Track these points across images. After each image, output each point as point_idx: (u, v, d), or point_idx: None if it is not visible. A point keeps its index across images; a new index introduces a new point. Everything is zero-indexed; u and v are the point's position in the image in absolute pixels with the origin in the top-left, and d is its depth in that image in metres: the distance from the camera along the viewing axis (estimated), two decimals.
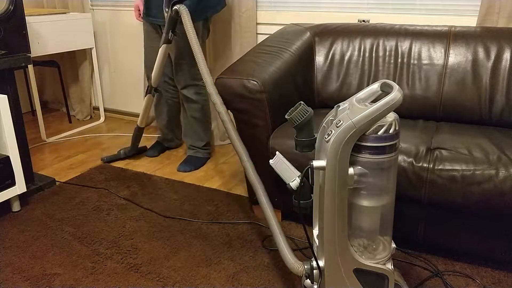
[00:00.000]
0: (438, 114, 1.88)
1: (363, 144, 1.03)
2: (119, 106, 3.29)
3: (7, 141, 1.83)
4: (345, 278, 1.14)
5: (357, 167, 1.05)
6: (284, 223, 1.83)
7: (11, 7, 1.87)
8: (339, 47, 2.05)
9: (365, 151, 1.03)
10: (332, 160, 1.03)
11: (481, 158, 1.45)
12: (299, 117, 1.08)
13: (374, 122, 1.01)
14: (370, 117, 1.00)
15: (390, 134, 1.03)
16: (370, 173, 1.05)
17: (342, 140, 1.01)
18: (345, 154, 1.02)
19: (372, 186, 1.08)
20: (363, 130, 1.01)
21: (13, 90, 1.97)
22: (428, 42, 1.92)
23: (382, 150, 1.03)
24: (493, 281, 1.49)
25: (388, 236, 1.18)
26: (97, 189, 2.15)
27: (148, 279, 1.51)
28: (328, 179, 1.05)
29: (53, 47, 2.69)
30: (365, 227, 1.13)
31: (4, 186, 1.83)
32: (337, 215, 1.08)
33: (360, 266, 1.12)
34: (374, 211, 1.11)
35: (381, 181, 1.09)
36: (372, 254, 1.14)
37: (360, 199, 1.09)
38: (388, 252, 1.16)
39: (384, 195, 1.10)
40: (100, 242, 1.72)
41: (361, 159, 1.04)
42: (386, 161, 1.05)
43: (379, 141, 1.02)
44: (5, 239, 1.74)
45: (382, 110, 0.99)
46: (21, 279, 1.51)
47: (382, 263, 1.13)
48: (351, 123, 1.00)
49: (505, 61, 1.80)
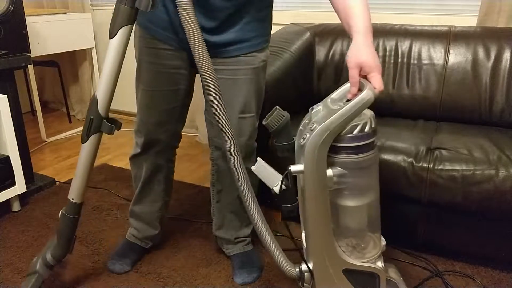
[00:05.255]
0: (438, 114, 1.88)
1: (339, 145, 1.02)
2: (119, 106, 3.29)
3: (7, 141, 1.83)
4: (335, 279, 1.12)
5: (336, 168, 1.04)
6: (284, 224, 1.83)
7: (11, 7, 1.87)
8: (339, 47, 2.05)
9: (342, 152, 1.03)
10: (309, 164, 1.02)
11: (481, 158, 1.45)
12: (275, 123, 1.08)
13: (348, 123, 1.00)
14: (342, 118, 0.99)
15: (366, 133, 1.02)
16: (349, 173, 1.04)
17: (317, 143, 1.00)
18: (321, 156, 1.01)
19: (353, 186, 1.06)
20: (337, 132, 1.00)
21: (13, 90, 1.97)
22: (428, 42, 1.92)
23: (359, 149, 1.02)
24: (493, 281, 1.49)
25: (377, 234, 1.17)
26: (97, 189, 2.15)
27: (148, 279, 1.51)
28: (307, 182, 1.04)
29: (53, 47, 2.69)
30: (351, 226, 1.11)
31: (4, 186, 1.83)
32: (320, 217, 1.08)
33: (349, 266, 1.11)
34: (358, 211, 1.10)
35: (362, 180, 1.08)
36: (361, 253, 1.13)
37: (343, 200, 1.08)
38: (378, 250, 1.14)
39: (367, 194, 1.09)
40: (100, 242, 1.72)
41: (339, 160, 1.03)
42: (365, 160, 1.04)
43: (355, 140, 1.01)
44: (5, 239, 1.74)
45: (354, 110, 0.99)
46: (21, 279, 1.51)
47: (372, 261, 1.12)
48: (324, 125, 0.99)
49: (505, 61, 1.80)
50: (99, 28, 3.12)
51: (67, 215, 1.31)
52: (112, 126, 1.21)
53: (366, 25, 1.07)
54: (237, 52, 1.29)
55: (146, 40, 1.32)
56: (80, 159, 1.27)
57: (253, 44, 1.29)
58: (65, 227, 1.32)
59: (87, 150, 1.25)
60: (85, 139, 1.23)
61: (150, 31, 1.30)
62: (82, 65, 3.17)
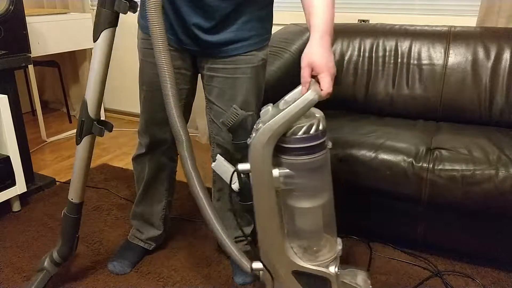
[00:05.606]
0: (438, 114, 1.88)
1: (285, 145, 1.01)
2: (119, 106, 3.29)
3: (7, 141, 1.83)
4: (285, 279, 1.12)
5: (283, 168, 1.04)
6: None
7: (11, 7, 1.87)
8: (339, 47, 2.05)
9: (288, 153, 1.02)
10: (254, 163, 1.03)
11: (481, 158, 1.45)
12: (230, 121, 1.08)
13: (291, 123, 0.99)
14: (285, 119, 0.98)
15: (312, 134, 1.01)
16: (297, 175, 1.03)
17: (261, 143, 1.00)
18: (266, 156, 1.01)
19: (302, 187, 1.05)
20: (281, 132, 0.99)
21: (13, 90, 1.97)
22: (428, 42, 1.92)
23: (305, 151, 1.01)
24: (493, 281, 1.49)
25: (333, 238, 1.15)
26: (97, 189, 2.15)
27: (148, 279, 1.51)
28: (254, 181, 1.05)
29: (53, 47, 2.69)
30: (302, 228, 1.10)
31: (4, 186, 1.83)
32: (268, 217, 1.07)
33: (298, 268, 1.10)
34: (309, 213, 1.09)
35: (311, 182, 1.06)
36: (313, 256, 1.11)
37: (293, 200, 1.07)
38: (332, 254, 1.12)
39: (318, 196, 1.08)
40: (100, 242, 1.72)
41: (286, 161, 1.03)
42: (312, 162, 1.03)
43: (300, 142, 1.00)
44: (5, 239, 1.74)
45: (297, 111, 0.98)
46: (21, 279, 1.51)
47: (324, 265, 1.10)
48: (268, 125, 0.99)
49: (505, 61, 1.80)
50: None
51: (68, 215, 1.36)
52: (102, 128, 1.24)
53: (325, 26, 1.05)
54: (236, 51, 1.29)
55: (147, 41, 1.32)
56: (76, 161, 1.30)
57: (252, 43, 1.29)
58: (67, 227, 1.37)
59: (81, 151, 1.28)
60: (78, 141, 1.27)
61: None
62: (82, 65, 3.17)
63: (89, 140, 1.27)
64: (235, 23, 1.25)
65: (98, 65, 1.20)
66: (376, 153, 1.54)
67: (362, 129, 1.70)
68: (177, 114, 1.11)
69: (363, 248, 1.67)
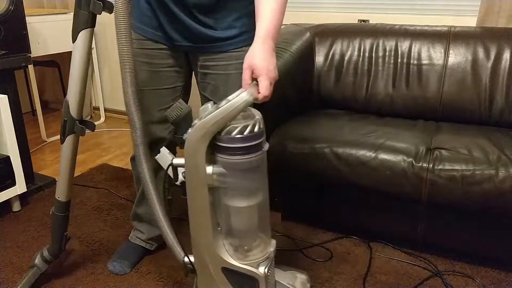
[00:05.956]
0: (438, 114, 1.88)
1: (219, 144, 1.02)
2: (119, 106, 3.29)
3: (7, 141, 1.83)
4: (214, 275, 1.14)
5: (217, 166, 1.05)
6: (284, 224, 1.83)
7: (11, 7, 1.87)
8: (339, 47, 2.05)
9: (222, 151, 1.03)
10: (188, 159, 1.05)
11: (481, 158, 1.45)
12: (173, 114, 1.09)
13: (224, 122, 1.00)
14: (218, 117, 0.99)
15: (245, 136, 1.01)
16: (229, 174, 1.04)
17: (195, 139, 1.02)
18: (199, 153, 1.03)
19: (235, 186, 1.06)
20: (215, 130, 1.00)
21: (13, 90, 1.97)
22: (428, 42, 1.92)
23: (238, 151, 1.02)
24: (493, 281, 1.49)
25: (266, 238, 1.16)
26: (97, 189, 2.15)
27: (148, 279, 1.51)
28: (187, 176, 1.07)
29: (53, 47, 2.69)
30: (234, 227, 1.11)
31: (4, 186, 1.83)
32: (199, 212, 1.09)
33: (227, 266, 1.11)
34: (242, 212, 1.09)
35: (245, 182, 1.06)
36: (243, 255, 1.12)
37: (227, 199, 1.08)
38: (264, 255, 1.12)
39: (251, 197, 1.08)
40: (100, 242, 1.72)
41: (220, 159, 1.04)
42: (245, 163, 1.03)
43: (233, 142, 1.01)
44: (5, 239, 1.74)
45: (230, 110, 0.99)
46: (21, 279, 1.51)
47: (254, 265, 1.10)
48: (201, 123, 1.01)
49: (505, 61, 1.80)
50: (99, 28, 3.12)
51: (56, 213, 1.38)
52: (83, 127, 1.26)
53: (268, 31, 1.07)
54: (227, 47, 1.30)
55: (140, 41, 1.34)
56: (61, 160, 1.32)
57: (243, 39, 1.29)
58: (55, 225, 1.40)
59: (65, 151, 1.30)
60: (62, 140, 1.29)
61: (143, 32, 1.33)
62: None
63: (72, 139, 1.28)
64: (227, 20, 1.26)
65: (77, 66, 1.22)
66: (376, 153, 1.54)
67: (362, 129, 1.70)
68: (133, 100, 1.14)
69: (363, 248, 1.67)
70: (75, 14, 1.17)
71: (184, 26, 1.26)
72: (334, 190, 1.66)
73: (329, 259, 1.61)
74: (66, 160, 1.32)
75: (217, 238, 1.12)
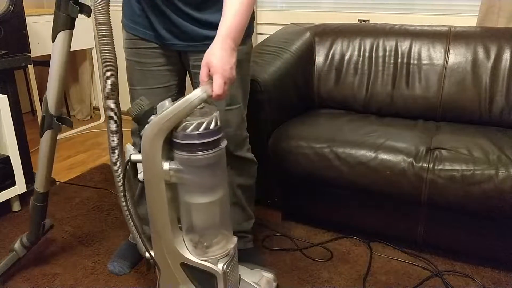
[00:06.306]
0: (438, 114, 1.88)
1: (175, 140, 1.04)
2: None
3: (7, 141, 1.83)
4: (174, 271, 1.15)
5: (174, 162, 1.06)
6: (285, 223, 1.83)
7: (11, 7, 1.87)
8: (339, 47, 2.05)
9: (178, 148, 1.04)
10: (145, 155, 1.06)
11: (481, 158, 1.45)
12: (134, 111, 1.10)
13: (178, 119, 1.01)
14: (171, 114, 1.01)
15: (200, 132, 1.02)
16: (186, 170, 1.06)
17: (150, 135, 1.03)
18: (155, 149, 1.04)
19: (192, 183, 1.07)
20: (169, 126, 1.02)
21: (13, 90, 1.97)
22: (428, 42, 1.92)
23: (193, 147, 1.03)
24: (493, 281, 1.49)
25: (227, 235, 1.16)
26: (97, 189, 2.15)
27: (148, 279, 1.51)
28: (145, 172, 1.09)
29: None
30: (194, 223, 1.12)
31: (4, 186, 1.83)
32: (157, 207, 1.10)
33: (186, 261, 1.13)
34: (200, 208, 1.10)
35: (201, 179, 1.08)
36: (202, 251, 1.13)
37: (186, 195, 1.09)
38: (224, 251, 1.13)
39: (209, 193, 1.09)
40: (100, 242, 1.72)
41: (176, 155, 1.06)
42: (199, 159, 1.04)
43: (188, 138, 1.02)
44: (5, 239, 1.74)
45: (183, 107, 1.00)
46: (21, 279, 1.51)
47: (213, 261, 1.11)
48: (156, 119, 1.02)
49: (505, 61, 1.80)
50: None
51: (34, 203, 1.46)
52: (59, 124, 1.34)
53: (229, 31, 1.07)
54: None
55: (132, 41, 1.35)
56: (40, 153, 1.41)
57: None
58: (33, 214, 1.48)
59: (44, 144, 1.39)
60: (41, 134, 1.37)
61: (135, 32, 1.34)
62: (82, 65, 3.17)
63: (50, 134, 1.36)
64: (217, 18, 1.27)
65: (56, 65, 1.28)
66: (376, 153, 1.54)
67: (362, 129, 1.70)
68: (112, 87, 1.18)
69: (363, 248, 1.67)
70: (54, 16, 1.22)
71: (174, 24, 1.26)
72: (334, 190, 1.66)
73: (329, 259, 1.61)
74: (44, 153, 1.40)
75: (176, 233, 1.13)
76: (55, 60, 1.27)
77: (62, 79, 1.30)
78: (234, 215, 1.55)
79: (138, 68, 1.37)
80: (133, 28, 1.33)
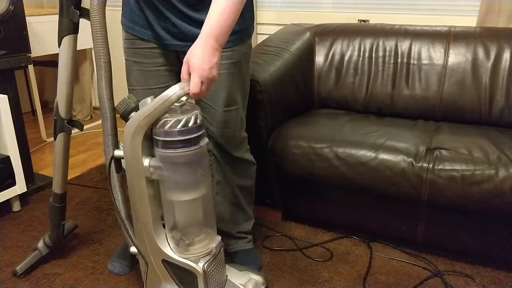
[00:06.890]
0: (438, 114, 1.88)
1: (155, 137, 1.05)
2: None
3: (7, 141, 1.83)
4: (156, 267, 1.16)
5: (154, 159, 1.07)
6: (285, 223, 1.83)
7: (11, 7, 1.87)
8: (339, 47, 2.05)
9: (157, 145, 1.05)
10: (126, 152, 1.08)
11: (481, 158, 1.45)
12: (121, 108, 1.11)
13: (156, 115, 1.02)
14: (149, 111, 1.02)
15: (178, 129, 1.02)
16: (166, 167, 1.06)
17: (130, 132, 1.05)
18: (135, 145, 1.05)
19: (171, 179, 1.08)
20: (147, 123, 1.03)
21: (13, 90, 1.97)
22: (428, 42, 1.92)
23: (171, 144, 1.03)
24: (493, 281, 1.49)
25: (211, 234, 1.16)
26: (97, 189, 2.15)
27: None
28: (126, 168, 1.11)
29: (53, 47, 2.69)
30: (176, 220, 1.12)
31: (4, 186, 1.83)
32: (138, 203, 1.11)
33: (167, 258, 1.13)
34: (181, 206, 1.10)
35: (181, 176, 1.08)
36: (183, 248, 1.13)
37: (167, 192, 1.10)
38: (205, 250, 1.13)
39: (190, 191, 1.09)
40: (100, 242, 1.72)
41: (156, 152, 1.06)
42: (178, 156, 1.04)
43: (166, 135, 1.03)
44: (5, 239, 1.74)
45: (159, 104, 1.01)
46: (21, 279, 1.51)
47: (194, 260, 1.11)
48: (135, 116, 1.04)
49: (505, 61, 1.80)
50: None
51: (52, 204, 1.49)
52: (70, 127, 1.38)
53: (211, 31, 1.06)
54: None
55: (131, 41, 1.35)
56: (54, 155, 1.43)
57: (233, 39, 1.29)
58: (52, 215, 1.51)
59: (58, 146, 1.41)
60: (54, 137, 1.41)
61: (134, 32, 1.33)
62: (82, 65, 3.17)
63: (62, 136, 1.39)
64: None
65: (63, 69, 1.31)
66: (376, 153, 1.54)
67: (362, 129, 1.70)
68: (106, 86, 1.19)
69: (363, 248, 1.67)
70: (59, 21, 1.25)
71: (172, 24, 1.26)
72: (334, 190, 1.66)
73: (329, 259, 1.61)
74: (58, 155, 1.43)
75: (158, 230, 1.14)
76: (63, 64, 1.31)
77: (70, 82, 1.33)
78: (234, 215, 1.55)
79: (137, 68, 1.36)
80: (132, 28, 1.33)
